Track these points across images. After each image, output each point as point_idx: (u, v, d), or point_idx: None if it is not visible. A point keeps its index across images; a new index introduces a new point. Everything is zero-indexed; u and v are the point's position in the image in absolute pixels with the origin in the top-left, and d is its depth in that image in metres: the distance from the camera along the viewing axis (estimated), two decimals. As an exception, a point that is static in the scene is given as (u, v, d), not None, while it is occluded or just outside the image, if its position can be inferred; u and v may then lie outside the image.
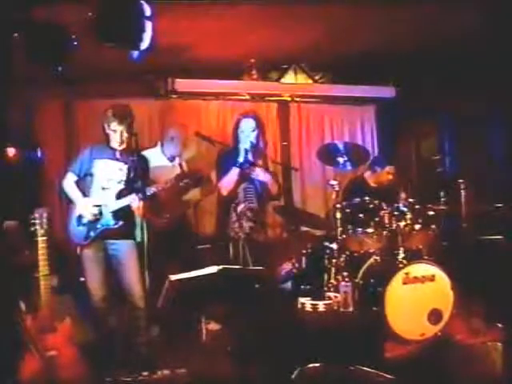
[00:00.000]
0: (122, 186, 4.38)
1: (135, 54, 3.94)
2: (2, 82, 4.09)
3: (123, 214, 4.34)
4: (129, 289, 4.37)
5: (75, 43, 3.97)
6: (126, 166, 4.40)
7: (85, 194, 4.42)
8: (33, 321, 3.65)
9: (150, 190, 4.31)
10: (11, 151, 5.46)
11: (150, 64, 5.27)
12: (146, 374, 3.84)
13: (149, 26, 3.83)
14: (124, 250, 4.41)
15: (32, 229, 3.74)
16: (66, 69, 4.20)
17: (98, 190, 4.41)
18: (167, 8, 4.43)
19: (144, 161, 4.59)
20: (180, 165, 5.40)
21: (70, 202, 4.49)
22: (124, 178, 4.40)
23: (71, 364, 3.66)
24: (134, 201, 4.26)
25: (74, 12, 3.78)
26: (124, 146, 4.41)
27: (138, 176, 4.32)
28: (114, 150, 4.44)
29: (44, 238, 3.74)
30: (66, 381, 3.57)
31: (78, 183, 4.47)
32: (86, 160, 4.47)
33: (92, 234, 4.36)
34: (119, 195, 4.36)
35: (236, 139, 4.82)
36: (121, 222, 4.33)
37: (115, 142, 4.41)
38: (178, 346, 4.63)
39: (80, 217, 4.39)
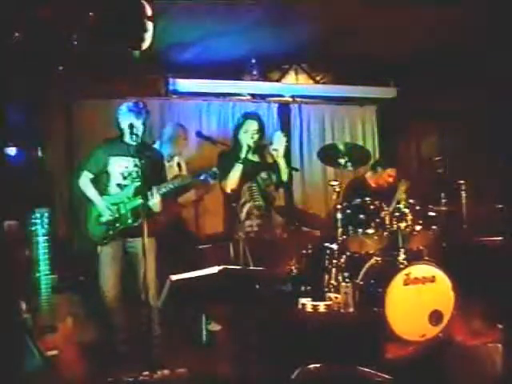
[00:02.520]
0: (138, 183, 4.34)
1: (136, 53, 3.94)
2: (3, 81, 4.09)
3: (142, 211, 4.27)
4: (145, 286, 4.34)
5: (76, 43, 3.97)
6: (142, 162, 4.36)
7: (101, 191, 4.42)
8: (33, 320, 3.64)
9: (168, 186, 4.32)
10: (12, 150, 5.46)
11: (152, 64, 5.30)
12: (146, 373, 3.84)
13: (150, 25, 3.83)
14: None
15: (33, 228, 3.74)
16: (66, 68, 4.20)
17: (115, 187, 4.41)
18: (168, 8, 4.43)
19: (160, 155, 4.60)
20: (178, 164, 5.39)
21: (87, 200, 4.48)
22: (140, 175, 4.37)
23: (72, 364, 3.66)
24: (151, 197, 4.27)
25: (75, 12, 3.78)
26: (139, 141, 4.40)
27: (155, 172, 4.35)
28: (128, 145, 4.39)
29: (45, 237, 3.74)
30: (67, 380, 3.57)
31: (93, 181, 4.47)
32: (100, 157, 4.46)
33: (111, 232, 4.37)
34: (136, 192, 4.35)
35: (237, 138, 4.83)
36: (140, 220, 4.27)
37: (131, 137, 4.38)
38: (179, 346, 4.62)
39: (99, 216, 4.39)
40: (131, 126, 4.34)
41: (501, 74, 5.67)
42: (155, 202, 4.30)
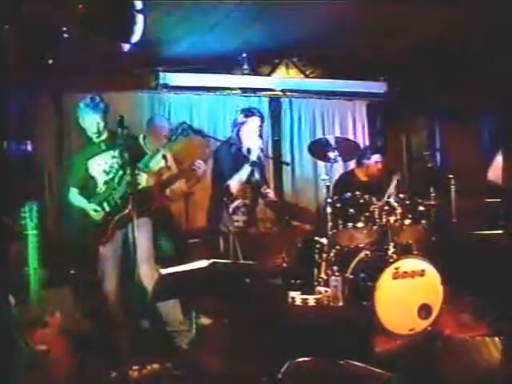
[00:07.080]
0: (121, 172, 4.35)
1: (126, 47, 3.92)
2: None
3: (134, 196, 4.25)
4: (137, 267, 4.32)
5: (66, 36, 3.94)
6: (118, 151, 4.35)
7: (92, 196, 4.43)
8: (22, 315, 3.63)
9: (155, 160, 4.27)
10: (2, 145, 5.43)
11: (142, 57, 5.28)
12: (136, 367, 3.84)
13: (140, 19, 3.81)
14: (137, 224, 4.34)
15: (22, 222, 3.73)
16: (56, 61, 4.18)
17: (104, 185, 4.42)
18: (159, 1, 4.42)
19: (134, 139, 4.54)
20: (164, 156, 5.36)
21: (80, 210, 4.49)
22: (121, 162, 4.36)
23: (61, 358, 3.65)
24: (143, 178, 4.28)
25: (64, 4, 3.76)
26: (104, 136, 4.40)
27: (135, 153, 4.28)
28: (98, 142, 4.43)
29: (34, 231, 3.73)
30: (56, 375, 3.57)
31: (81, 192, 4.49)
32: (78, 167, 4.48)
33: (110, 226, 4.35)
34: (121, 179, 4.32)
35: (239, 136, 4.79)
36: (130, 206, 4.23)
37: (93, 134, 4.40)
38: (168, 339, 4.62)
39: (93, 217, 4.39)
40: (92, 123, 4.35)
41: (493, 68, 5.70)
42: (148, 179, 4.30)
